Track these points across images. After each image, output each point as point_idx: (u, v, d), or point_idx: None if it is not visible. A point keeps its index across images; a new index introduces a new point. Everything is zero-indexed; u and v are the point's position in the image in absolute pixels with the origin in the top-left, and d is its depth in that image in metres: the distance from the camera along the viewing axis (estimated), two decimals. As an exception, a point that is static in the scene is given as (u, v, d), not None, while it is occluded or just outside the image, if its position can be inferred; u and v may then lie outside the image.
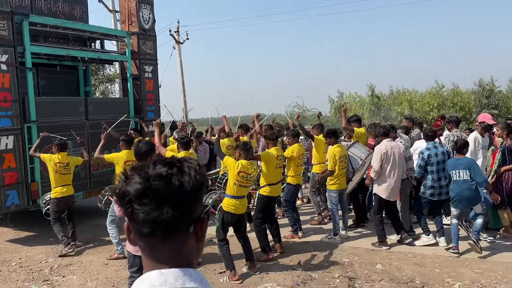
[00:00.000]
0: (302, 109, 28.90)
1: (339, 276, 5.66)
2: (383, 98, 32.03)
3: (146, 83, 9.94)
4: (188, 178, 1.02)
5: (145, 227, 1.00)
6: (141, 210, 0.99)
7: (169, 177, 1.01)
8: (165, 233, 1.01)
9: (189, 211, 1.03)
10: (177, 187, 1.00)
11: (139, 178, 1.01)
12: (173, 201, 0.99)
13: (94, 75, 17.47)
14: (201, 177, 1.05)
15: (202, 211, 1.08)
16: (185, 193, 1.01)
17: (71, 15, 9.44)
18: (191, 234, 1.05)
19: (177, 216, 1.00)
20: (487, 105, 28.74)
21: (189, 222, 1.04)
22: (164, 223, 0.99)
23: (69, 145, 8.26)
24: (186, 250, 1.06)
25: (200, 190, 1.05)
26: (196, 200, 1.04)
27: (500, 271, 5.60)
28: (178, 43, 21.80)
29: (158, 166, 1.03)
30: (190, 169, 1.04)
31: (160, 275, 1.01)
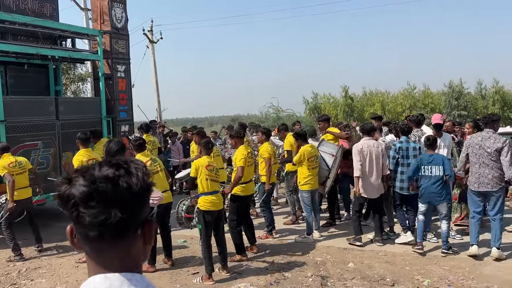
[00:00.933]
0: (277, 109, 29.02)
1: (312, 275, 5.71)
2: (357, 99, 32.48)
3: (119, 82, 9.81)
4: (135, 179, 1.00)
5: (93, 230, 0.98)
6: (88, 213, 0.96)
7: (117, 179, 0.99)
8: (113, 236, 0.99)
9: (137, 213, 1.01)
10: (125, 189, 0.98)
11: (84, 180, 0.98)
12: (121, 203, 0.98)
13: (65, 74, 17.11)
14: (148, 179, 1.04)
15: (149, 213, 1.07)
16: (133, 195, 0.99)
17: (40, 12, 9.22)
18: (139, 237, 1.04)
19: (125, 218, 0.98)
20: (457, 106, 29.51)
21: (137, 224, 1.02)
22: (112, 226, 0.97)
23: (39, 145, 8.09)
24: (134, 253, 1.04)
25: (148, 192, 1.03)
26: (143, 201, 1.03)
27: (467, 268, 5.76)
28: (151, 42, 21.59)
29: (105, 168, 1.01)
30: (138, 170, 1.02)
31: (105, 279, 1.00)
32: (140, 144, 6.14)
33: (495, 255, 5.92)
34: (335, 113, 30.62)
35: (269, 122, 27.15)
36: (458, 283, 5.33)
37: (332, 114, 30.38)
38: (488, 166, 5.98)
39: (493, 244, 5.99)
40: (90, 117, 9.21)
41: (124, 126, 9.93)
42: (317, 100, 33.09)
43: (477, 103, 30.59)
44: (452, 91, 30.05)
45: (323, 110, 31.12)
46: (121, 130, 9.83)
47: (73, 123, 8.82)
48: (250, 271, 5.92)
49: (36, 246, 6.95)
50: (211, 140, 6.70)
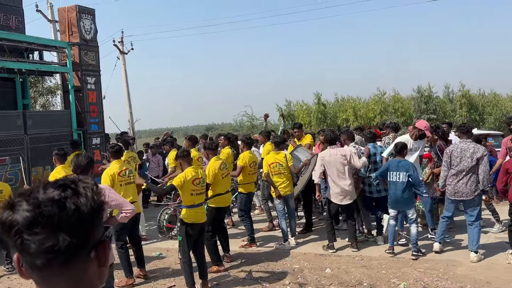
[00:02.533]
0: (251, 117, 29.09)
1: (289, 283, 5.71)
2: (329, 106, 32.89)
3: (89, 95, 9.66)
4: (84, 200, 0.94)
5: (39, 258, 0.90)
6: (33, 240, 0.89)
7: (63, 201, 0.91)
8: (63, 263, 0.92)
9: (89, 236, 0.94)
10: (73, 211, 0.91)
11: (28, 205, 0.90)
12: (69, 227, 0.90)
13: (34, 87, 16.73)
14: (99, 198, 0.97)
15: (103, 233, 0.99)
16: (83, 217, 0.92)
17: (6, 25, 9.01)
18: (93, 260, 0.96)
19: (75, 243, 0.91)
20: (426, 110, 30.22)
21: (89, 247, 0.95)
22: (61, 252, 0.90)
23: (6, 161, 7.87)
24: (88, 278, 0.97)
25: (99, 212, 0.97)
26: (95, 222, 0.95)
27: (441, 269, 5.87)
28: (122, 53, 21.35)
29: (50, 190, 0.93)
30: (86, 190, 0.96)
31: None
32: (117, 150, 6.05)
33: (474, 259, 6.04)
34: (309, 120, 30.93)
35: (243, 130, 27.19)
36: (433, 284, 5.42)
37: (306, 121, 30.67)
38: (466, 175, 6.09)
39: (471, 248, 6.11)
40: (60, 130, 9.03)
41: (95, 139, 9.76)
42: (290, 108, 33.36)
43: (445, 106, 31.42)
44: (421, 96, 30.78)
45: (296, 117, 31.37)
46: (93, 142, 9.66)
47: (43, 137, 8.62)
48: (228, 282, 5.87)
49: (5, 265, 6.72)
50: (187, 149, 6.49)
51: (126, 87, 21.66)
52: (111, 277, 4.27)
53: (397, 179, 6.38)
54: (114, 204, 4.19)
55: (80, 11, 9.61)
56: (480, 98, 32.52)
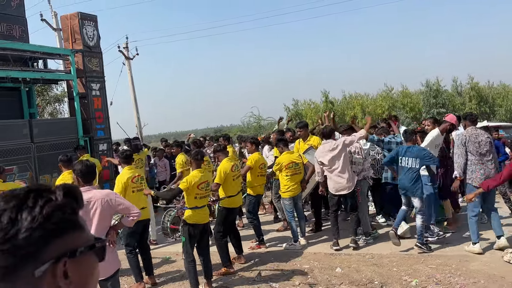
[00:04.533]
0: (258, 118, 29.06)
1: (299, 283, 5.63)
2: (337, 104, 32.75)
3: (94, 101, 9.68)
4: (26, 214, 0.85)
5: None
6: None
7: (1, 213, 0.85)
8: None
9: (29, 254, 0.85)
10: (6, 226, 0.84)
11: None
12: (0, 242, 0.83)
13: (40, 96, 16.86)
14: (56, 209, 0.88)
15: (68, 251, 0.89)
16: (18, 233, 0.84)
17: (9, 35, 9.07)
18: (47, 279, 0.87)
19: (7, 259, 0.83)
20: (435, 104, 29.95)
21: (34, 266, 0.85)
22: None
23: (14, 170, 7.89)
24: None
25: (44, 229, 0.86)
26: (40, 240, 0.85)
27: (453, 265, 5.76)
28: (127, 59, 21.43)
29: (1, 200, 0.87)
30: (37, 203, 0.87)
31: None
32: (127, 156, 6.07)
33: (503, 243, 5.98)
34: (316, 118, 30.82)
35: (251, 131, 27.16)
36: (446, 280, 5.31)
37: (314, 120, 30.55)
38: (484, 163, 6.08)
39: (500, 233, 6.04)
40: (66, 138, 9.06)
41: (102, 145, 9.77)
42: (298, 107, 33.28)
43: (455, 100, 31.10)
44: (429, 90, 30.51)
45: (304, 116, 31.27)
46: (99, 149, 9.68)
47: (49, 145, 8.65)
48: (237, 283, 5.81)
49: None
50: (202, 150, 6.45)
51: (132, 92, 21.74)
52: (117, 282, 4.23)
53: (406, 165, 6.40)
54: (121, 208, 4.16)
55: (83, 18, 9.64)
56: (489, 90, 32.15)
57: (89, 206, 3.94)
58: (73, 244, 0.91)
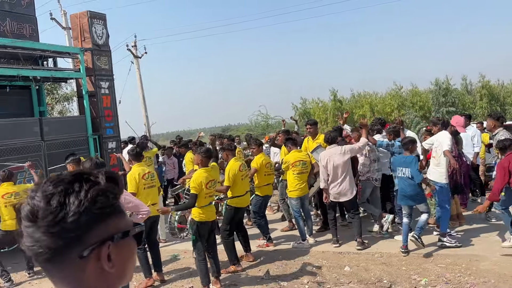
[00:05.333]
0: (265, 117, 29.04)
1: (308, 281, 5.62)
2: (345, 102, 32.60)
3: (103, 99, 9.72)
4: (74, 198, 0.88)
5: (28, 250, 0.89)
6: (25, 232, 0.88)
7: (49, 197, 0.87)
8: (48, 260, 0.88)
9: (76, 237, 0.88)
10: (55, 209, 0.86)
11: (30, 198, 0.89)
12: (49, 225, 0.86)
13: (50, 94, 16.99)
14: (98, 195, 0.90)
15: (112, 233, 0.92)
16: (65, 217, 0.86)
17: (20, 34, 9.14)
18: (90, 263, 0.90)
19: (55, 243, 0.86)
20: (445, 103, 29.68)
21: (79, 250, 0.88)
22: (41, 250, 0.87)
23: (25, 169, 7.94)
24: (87, 280, 0.91)
25: (91, 212, 0.89)
26: (85, 224, 0.88)
27: (463, 264, 5.71)
28: (136, 57, 21.50)
29: (47, 184, 0.90)
30: (83, 186, 0.89)
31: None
32: (137, 153, 6.10)
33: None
34: (325, 117, 30.72)
35: (258, 130, 27.16)
36: (455, 280, 5.27)
37: (322, 118, 30.47)
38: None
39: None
40: (75, 136, 9.11)
41: (111, 143, 9.82)
42: (306, 105, 33.19)
43: (464, 98, 30.81)
44: (438, 89, 30.24)
45: (312, 115, 31.19)
46: (108, 147, 9.73)
47: (59, 143, 8.70)
48: (245, 282, 5.82)
49: (27, 271, 6.81)
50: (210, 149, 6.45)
51: (141, 90, 21.82)
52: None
53: (402, 175, 6.30)
54: (130, 206, 4.19)
55: (92, 16, 9.69)
56: (500, 89, 31.80)
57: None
58: (115, 228, 0.94)
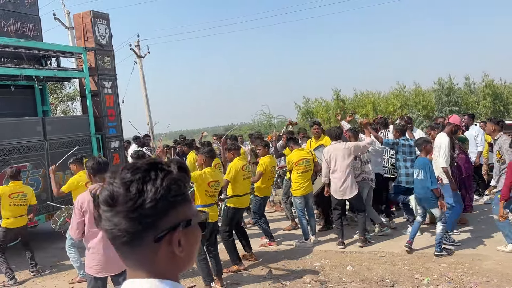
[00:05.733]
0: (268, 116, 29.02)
1: (310, 281, 5.63)
2: (348, 102, 32.55)
3: (106, 99, 9.73)
4: (151, 185, 0.95)
5: (107, 234, 0.97)
6: (103, 216, 0.96)
7: (128, 184, 0.94)
8: (126, 243, 0.95)
9: (152, 222, 0.95)
10: (134, 195, 0.94)
11: (108, 183, 0.98)
12: (129, 210, 0.93)
13: (54, 94, 17.03)
14: (171, 184, 0.97)
15: (182, 219, 0.99)
16: (144, 203, 0.93)
17: (23, 33, 9.16)
18: (162, 247, 0.97)
19: (133, 226, 0.94)
20: (448, 102, 29.63)
21: (154, 235, 0.96)
22: (120, 233, 0.94)
23: (27, 168, 7.98)
24: (158, 263, 0.98)
25: (166, 199, 0.96)
26: (161, 210, 0.95)
27: (466, 263, 5.70)
28: (139, 57, 21.54)
29: (125, 171, 0.97)
30: (159, 174, 0.96)
31: (131, 284, 0.98)
32: (140, 156, 6.13)
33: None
34: (328, 116, 30.68)
35: (261, 129, 27.16)
36: (458, 279, 5.27)
37: (325, 117, 30.44)
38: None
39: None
40: (78, 135, 9.12)
41: (114, 143, 9.84)
42: (308, 105, 33.17)
43: (468, 98, 30.74)
44: (441, 88, 30.18)
45: (315, 114, 31.17)
46: (111, 146, 9.74)
47: (62, 142, 8.72)
48: (248, 281, 5.83)
49: (31, 269, 6.84)
50: (213, 148, 6.44)
51: (144, 90, 21.86)
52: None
53: (417, 176, 6.28)
54: None
55: (95, 16, 9.70)
56: (503, 88, 31.71)
57: (101, 203, 3.98)
58: (184, 215, 1.01)
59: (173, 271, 1.01)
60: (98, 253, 3.99)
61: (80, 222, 3.98)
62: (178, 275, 1.04)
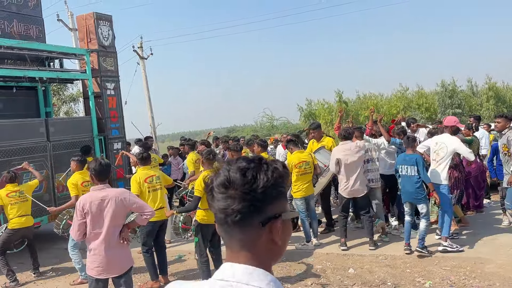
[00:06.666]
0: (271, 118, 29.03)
1: (311, 283, 5.62)
2: (351, 103, 32.48)
3: (109, 100, 9.76)
4: (263, 175, 1.08)
5: (219, 213, 1.09)
6: (217, 198, 1.09)
7: (245, 170, 1.08)
8: (235, 223, 1.07)
9: (261, 207, 1.08)
10: (250, 181, 1.07)
11: (225, 170, 1.11)
12: (243, 193, 1.06)
13: (57, 95, 17.07)
14: (278, 177, 1.10)
15: (282, 211, 1.11)
16: (256, 188, 1.07)
17: (27, 35, 9.19)
18: (265, 232, 1.09)
19: (246, 207, 1.06)
20: (451, 105, 29.55)
21: (261, 218, 1.08)
22: (233, 213, 1.07)
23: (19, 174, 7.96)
24: (258, 247, 1.10)
25: (274, 189, 1.09)
26: (268, 197, 1.08)
27: (468, 267, 5.68)
28: (142, 58, 21.56)
29: (240, 161, 1.12)
30: (269, 167, 1.10)
31: (231, 267, 1.09)
32: (144, 157, 6.12)
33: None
34: (330, 118, 30.62)
35: (263, 131, 27.16)
36: (460, 283, 5.25)
37: (327, 119, 30.37)
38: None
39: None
40: (81, 136, 9.14)
41: (116, 144, 9.86)
42: (311, 107, 33.10)
43: (471, 100, 30.66)
44: (444, 90, 30.11)
45: (317, 116, 31.11)
46: (114, 148, 9.76)
47: (65, 143, 8.74)
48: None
49: (33, 271, 6.85)
50: (214, 150, 6.42)
51: (147, 92, 21.87)
52: (130, 279, 4.27)
53: (406, 173, 6.34)
54: (135, 207, 4.21)
55: (98, 18, 9.73)
56: (506, 91, 31.63)
57: (103, 204, 3.98)
58: (284, 208, 1.14)
59: (269, 259, 1.13)
60: (100, 254, 3.99)
61: (81, 224, 3.98)
62: (271, 266, 1.14)
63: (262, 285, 1.05)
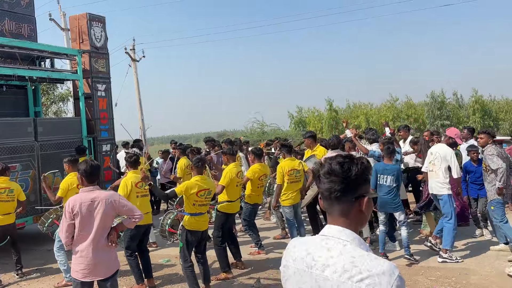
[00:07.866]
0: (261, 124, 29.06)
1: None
2: (341, 112, 32.69)
3: (99, 102, 9.71)
4: (355, 167, 1.57)
5: (325, 192, 1.59)
6: (323, 181, 1.60)
7: (342, 163, 1.57)
8: (337, 198, 1.57)
9: (353, 188, 1.57)
10: (346, 170, 1.56)
11: (328, 163, 1.60)
12: (342, 178, 1.56)
13: (46, 95, 16.92)
14: (365, 168, 1.59)
15: (367, 191, 1.60)
16: (351, 175, 1.56)
17: (18, 33, 9.13)
18: (355, 205, 1.58)
19: (343, 188, 1.56)
20: (439, 116, 29.90)
21: (353, 195, 1.57)
22: (334, 192, 1.57)
23: (17, 169, 7.90)
24: (350, 215, 1.58)
25: (362, 176, 1.57)
26: (358, 182, 1.57)
27: (453, 277, 5.73)
28: (134, 60, 21.52)
29: (339, 157, 1.61)
30: (359, 161, 1.59)
31: (329, 228, 1.59)
32: (135, 160, 6.09)
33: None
34: (320, 126, 30.79)
35: (254, 136, 27.17)
36: (445, 293, 5.29)
37: (317, 127, 30.54)
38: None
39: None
40: (70, 137, 9.07)
41: (105, 146, 9.80)
42: (302, 114, 33.25)
43: (459, 112, 31.05)
44: (434, 101, 30.47)
45: (308, 124, 31.25)
46: (103, 149, 9.70)
47: (53, 144, 8.66)
48: (236, 289, 5.80)
49: (16, 272, 6.75)
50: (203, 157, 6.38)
51: (137, 94, 21.82)
52: (116, 282, 4.23)
53: (384, 183, 6.43)
54: (124, 210, 4.16)
55: (91, 19, 9.70)
56: (492, 104, 32.10)
57: (93, 206, 3.94)
58: (368, 190, 1.62)
59: (357, 224, 1.60)
60: (87, 256, 3.94)
61: (70, 225, 3.93)
62: (358, 230, 1.61)
63: (348, 239, 1.52)
